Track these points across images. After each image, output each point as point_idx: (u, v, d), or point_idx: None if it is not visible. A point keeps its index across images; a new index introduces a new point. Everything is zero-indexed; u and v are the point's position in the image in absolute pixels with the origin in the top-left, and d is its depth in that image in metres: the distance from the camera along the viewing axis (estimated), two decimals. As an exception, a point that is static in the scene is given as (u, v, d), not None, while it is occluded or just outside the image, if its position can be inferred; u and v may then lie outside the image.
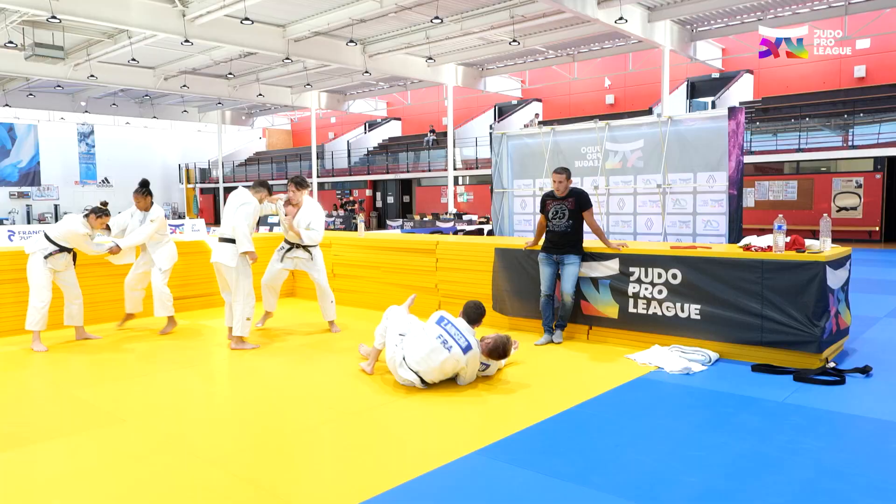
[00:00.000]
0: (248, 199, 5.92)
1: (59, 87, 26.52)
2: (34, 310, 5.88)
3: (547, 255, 6.01)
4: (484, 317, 4.86)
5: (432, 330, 4.55)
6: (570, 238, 5.90)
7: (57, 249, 5.95)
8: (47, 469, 3.37)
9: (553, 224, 5.97)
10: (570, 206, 5.89)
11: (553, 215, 5.98)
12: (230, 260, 5.74)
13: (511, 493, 3.03)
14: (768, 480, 3.12)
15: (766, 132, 19.21)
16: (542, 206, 6.16)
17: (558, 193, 5.98)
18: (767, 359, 5.09)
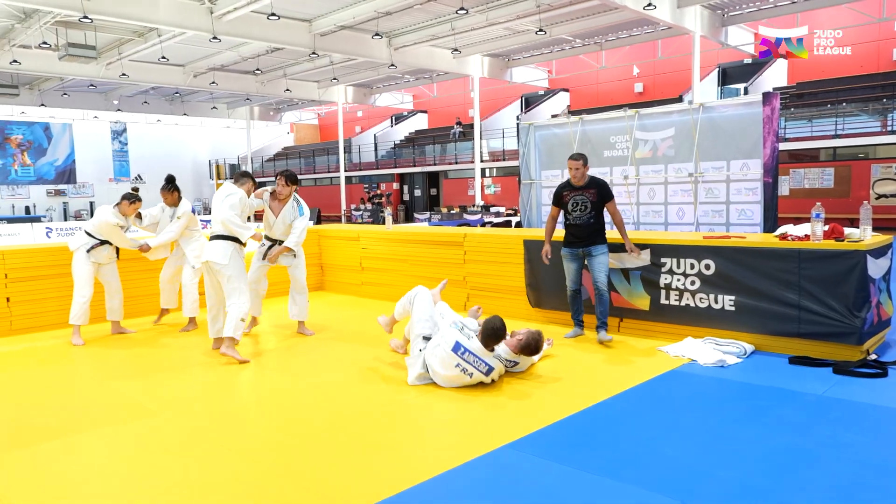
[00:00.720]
0: (233, 191, 5.56)
1: (93, 86, 27.03)
2: (76, 304, 6.05)
3: (572, 249, 5.70)
4: (503, 337, 4.46)
5: (450, 359, 4.32)
6: (594, 228, 5.61)
7: (97, 242, 6.09)
8: (87, 459, 3.43)
9: (573, 217, 5.62)
10: (593, 198, 5.58)
11: (573, 207, 5.63)
12: (222, 257, 5.35)
13: (543, 487, 2.99)
14: (808, 476, 3.04)
15: (801, 118, 18.72)
16: (556, 198, 5.76)
17: (576, 182, 5.63)
18: (805, 351, 4.96)
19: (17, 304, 6.59)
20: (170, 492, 3.03)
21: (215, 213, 5.50)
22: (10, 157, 30.46)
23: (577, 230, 5.63)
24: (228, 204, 5.44)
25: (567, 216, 5.67)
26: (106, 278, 6.26)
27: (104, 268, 6.23)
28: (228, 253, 5.38)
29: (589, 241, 5.61)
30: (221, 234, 5.41)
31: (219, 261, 5.33)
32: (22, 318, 6.60)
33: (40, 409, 4.27)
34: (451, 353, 4.33)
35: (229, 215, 5.40)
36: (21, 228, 19.91)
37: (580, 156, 5.65)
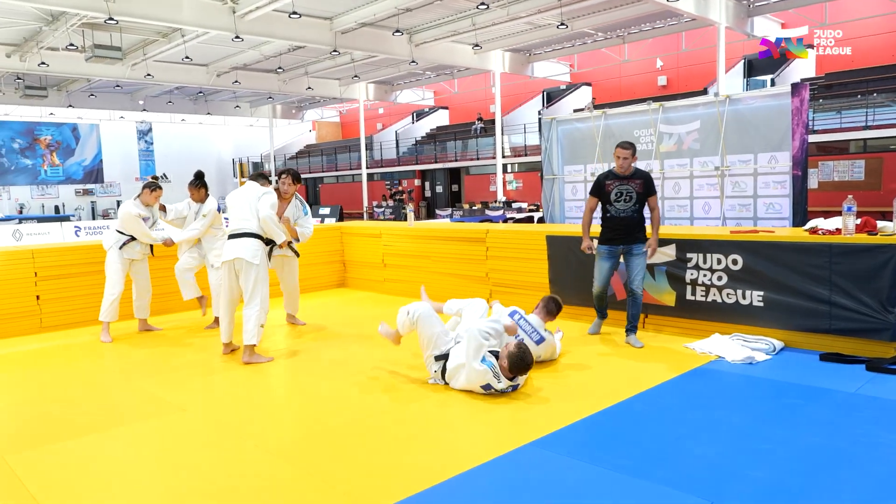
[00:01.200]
0: (267, 190, 5.44)
1: (118, 86, 27.43)
2: (106, 301, 6.12)
3: (611, 247, 5.34)
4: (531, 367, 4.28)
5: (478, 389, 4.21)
6: (637, 224, 5.28)
7: (128, 238, 6.14)
8: (115, 454, 3.47)
9: (616, 209, 5.26)
10: (639, 189, 5.25)
11: (617, 197, 5.25)
12: (253, 256, 5.12)
13: (568, 485, 2.96)
14: (842, 476, 2.96)
15: (830, 110, 18.32)
16: (597, 188, 5.37)
17: (622, 172, 5.26)
18: (836, 347, 4.85)
19: (47, 301, 6.71)
20: (196, 487, 3.06)
21: (242, 210, 5.30)
22: (40, 157, 31.09)
23: (619, 224, 5.28)
24: (269, 203, 5.30)
25: (608, 208, 5.31)
26: (137, 275, 6.33)
27: (136, 264, 6.29)
28: (259, 252, 5.20)
29: (631, 237, 5.30)
30: (250, 232, 5.20)
31: (251, 259, 5.11)
32: (51, 315, 6.72)
33: (70, 405, 4.34)
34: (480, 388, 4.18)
35: (270, 213, 5.28)
36: (51, 227, 20.30)
37: (630, 144, 5.28)
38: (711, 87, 19.96)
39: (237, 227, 5.25)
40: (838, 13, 19.48)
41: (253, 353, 5.16)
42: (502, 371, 4.12)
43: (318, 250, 8.89)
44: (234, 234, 5.23)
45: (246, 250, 5.12)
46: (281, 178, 6.12)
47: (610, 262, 5.40)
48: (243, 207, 5.30)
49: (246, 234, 5.19)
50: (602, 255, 5.41)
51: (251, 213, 5.25)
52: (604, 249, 5.40)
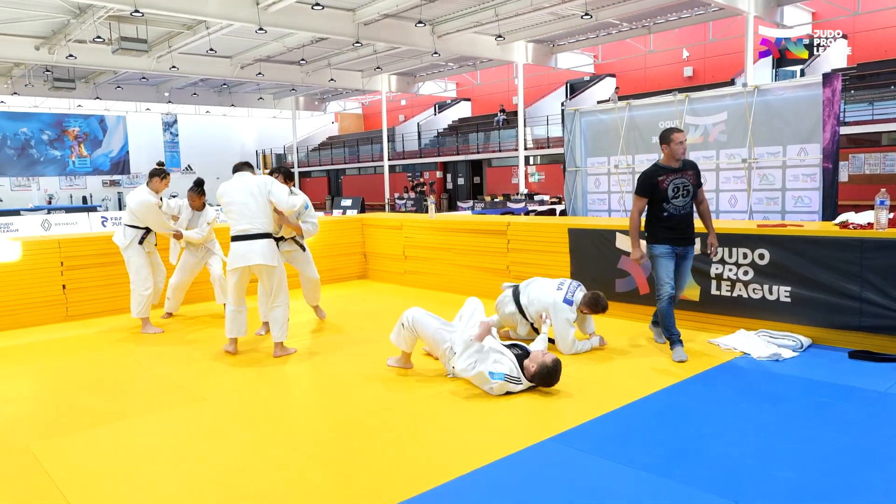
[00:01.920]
0: (272, 179, 5.16)
1: (144, 78, 27.75)
2: (140, 297, 6.04)
3: (672, 248, 4.74)
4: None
5: None
6: (692, 222, 4.78)
7: (144, 231, 6.09)
8: (137, 442, 3.50)
9: (675, 206, 4.66)
10: (693, 181, 4.71)
11: (675, 193, 4.64)
12: (274, 258, 4.98)
13: (589, 481, 2.91)
14: (871, 477, 2.88)
15: (862, 101, 17.87)
16: (648, 186, 4.69)
17: (676, 160, 4.67)
18: (866, 345, 4.72)
19: (73, 291, 6.80)
20: (214, 477, 3.07)
21: (248, 207, 4.88)
22: (68, 148, 31.60)
23: (679, 223, 4.69)
24: (286, 193, 5.08)
25: (664, 207, 4.67)
26: (154, 266, 6.37)
27: (151, 256, 6.31)
28: (277, 253, 5.06)
29: (689, 239, 4.80)
30: (263, 233, 4.90)
31: (271, 262, 4.96)
32: (77, 304, 6.82)
33: (92, 394, 4.39)
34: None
35: (293, 202, 5.14)
36: (78, 218, 20.66)
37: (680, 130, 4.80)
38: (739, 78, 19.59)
39: (247, 228, 4.87)
40: (871, 1, 18.98)
41: (284, 348, 5.17)
42: (525, 373, 4.05)
43: (339, 242, 8.91)
44: (245, 236, 4.87)
45: (265, 255, 4.91)
46: (272, 176, 5.63)
47: (673, 262, 4.76)
48: (248, 203, 4.91)
49: (258, 235, 4.89)
50: (665, 255, 4.74)
51: (260, 210, 4.91)
52: (666, 250, 4.73)
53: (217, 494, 2.91)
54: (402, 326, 4.53)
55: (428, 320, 4.47)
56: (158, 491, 2.95)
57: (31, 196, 30.07)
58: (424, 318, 4.48)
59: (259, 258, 4.88)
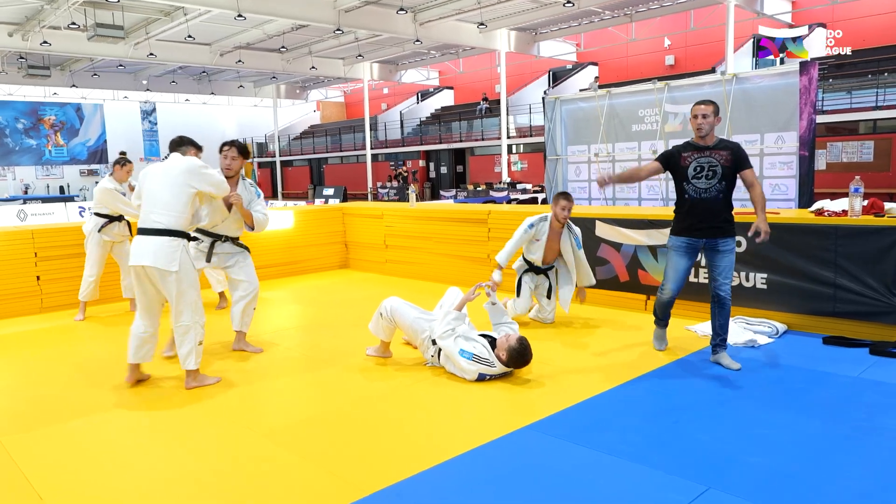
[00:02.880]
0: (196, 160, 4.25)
1: (122, 66, 27.29)
2: (84, 283, 6.23)
3: (691, 239, 4.20)
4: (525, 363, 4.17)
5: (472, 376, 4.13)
6: (722, 210, 4.14)
7: (107, 221, 6.13)
8: (113, 436, 3.46)
9: (695, 188, 4.11)
10: (725, 162, 4.08)
11: (696, 173, 4.10)
12: (170, 261, 3.88)
13: (566, 468, 2.93)
14: (842, 462, 2.92)
15: (840, 90, 18.06)
16: (668, 154, 4.24)
17: (701, 137, 4.13)
18: (840, 331, 4.79)
19: (47, 282, 6.70)
20: (190, 471, 3.04)
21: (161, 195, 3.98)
22: (44, 137, 31.07)
23: (700, 209, 4.13)
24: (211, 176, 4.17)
25: (685, 188, 4.16)
26: (119, 257, 6.32)
27: (118, 246, 6.27)
28: (177, 254, 3.92)
29: (717, 229, 4.14)
30: (163, 228, 3.93)
31: (166, 267, 3.88)
32: (52, 296, 6.71)
33: (67, 387, 4.33)
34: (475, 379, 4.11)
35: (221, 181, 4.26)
36: (55, 208, 20.35)
37: (711, 102, 4.15)
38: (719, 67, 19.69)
39: (147, 221, 3.96)
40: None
41: (197, 376, 4.16)
42: (500, 360, 4.07)
43: (319, 231, 8.85)
44: (144, 230, 3.96)
45: (158, 255, 3.87)
46: (223, 150, 4.84)
47: (688, 259, 4.28)
48: (162, 192, 4.00)
49: (157, 230, 3.92)
50: (679, 250, 4.27)
51: (172, 201, 3.97)
52: (682, 242, 4.24)
53: (194, 487, 2.89)
54: (381, 316, 4.53)
55: (406, 310, 4.46)
56: (134, 485, 2.92)
57: (7, 186, 29.55)
58: (402, 308, 4.47)
59: (150, 258, 3.87)
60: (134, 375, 4.22)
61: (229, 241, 4.90)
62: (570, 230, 5.41)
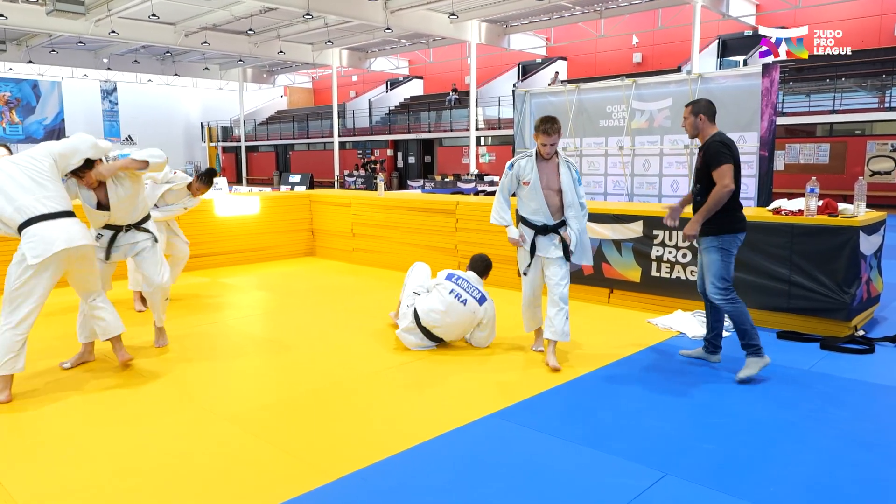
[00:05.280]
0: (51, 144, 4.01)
1: (81, 43, 26.48)
2: None
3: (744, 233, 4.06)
4: (491, 269, 4.81)
5: (444, 286, 4.52)
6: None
7: None
8: (72, 422, 3.40)
9: (694, 191, 4.17)
10: (699, 164, 4.07)
11: (694, 177, 4.18)
12: (87, 235, 3.81)
13: (527, 456, 2.99)
14: (791, 449, 3.05)
15: (799, 93, 18.57)
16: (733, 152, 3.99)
17: (693, 137, 4.23)
18: (794, 326, 4.97)
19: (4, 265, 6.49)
20: (152, 455, 3.01)
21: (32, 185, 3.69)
22: (-2, 114, 29.97)
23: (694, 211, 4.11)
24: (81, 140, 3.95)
25: None
26: None
27: None
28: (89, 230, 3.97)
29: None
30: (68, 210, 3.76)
31: (90, 241, 3.82)
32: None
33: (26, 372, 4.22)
34: (444, 280, 4.53)
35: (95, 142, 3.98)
36: (9, 187, 19.65)
37: (690, 103, 4.20)
38: (685, 66, 20.05)
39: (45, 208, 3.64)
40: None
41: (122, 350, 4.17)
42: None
43: (286, 218, 8.78)
44: (49, 215, 3.64)
45: (85, 233, 3.78)
46: None
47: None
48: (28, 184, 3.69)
49: (64, 212, 3.72)
50: None
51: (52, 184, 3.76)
52: None
53: (156, 471, 2.86)
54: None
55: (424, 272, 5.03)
56: (94, 470, 2.88)
57: (-43, 163, 28.45)
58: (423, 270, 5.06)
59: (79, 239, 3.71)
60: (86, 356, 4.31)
61: (133, 228, 4.44)
62: (567, 163, 4.29)
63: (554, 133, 4.19)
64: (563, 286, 4.24)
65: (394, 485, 2.74)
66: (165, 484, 2.75)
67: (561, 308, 4.21)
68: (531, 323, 4.58)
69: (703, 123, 4.10)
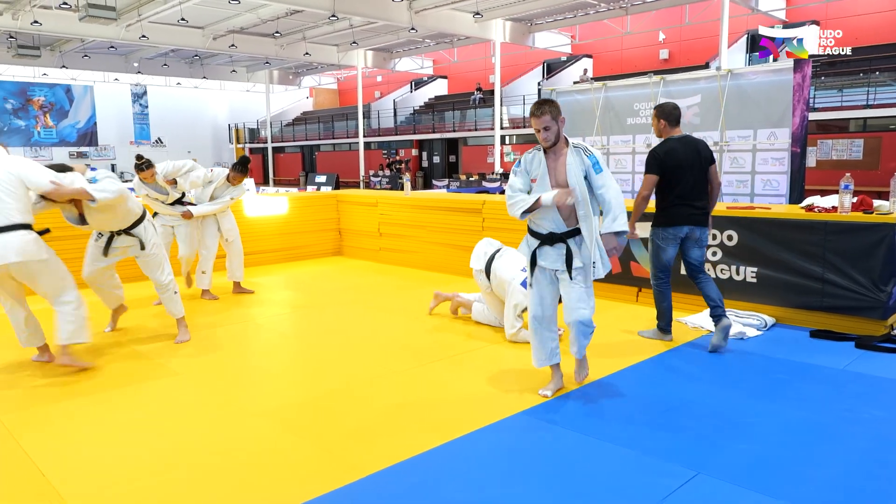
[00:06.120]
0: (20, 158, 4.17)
1: (113, 48, 27.00)
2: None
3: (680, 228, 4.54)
4: None
5: None
6: None
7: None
8: (112, 416, 3.50)
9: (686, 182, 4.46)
10: None
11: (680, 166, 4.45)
12: (39, 251, 3.90)
13: (558, 453, 3.00)
14: (824, 450, 3.01)
15: (831, 87, 18.19)
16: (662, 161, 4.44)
17: None
18: (827, 324, 4.89)
19: (41, 263, 6.67)
20: (188, 450, 3.09)
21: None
22: (33, 118, 30.73)
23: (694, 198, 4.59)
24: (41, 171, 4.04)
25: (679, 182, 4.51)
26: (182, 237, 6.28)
27: (178, 229, 6.24)
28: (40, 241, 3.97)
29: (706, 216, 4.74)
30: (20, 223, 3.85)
31: (39, 256, 3.90)
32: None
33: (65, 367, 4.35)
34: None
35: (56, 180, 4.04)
36: (45, 190, 20.13)
37: (655, 108, 4.63)
38: (713, 62, 19.78)
39: None
40: (844, -11, 19.24)
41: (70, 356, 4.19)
42: None
43: (314, 218, 8.87)
44: None
45: (26, 249, 3.83)
46: None
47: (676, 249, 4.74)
48: None
49: (14, 226, 3.82)
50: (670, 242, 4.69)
51: (9, 197, 3.85)
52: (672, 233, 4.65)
53: (191, 464, 2.94)
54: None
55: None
56: (132, 462, 2.97)
57: (-5, 167, 29.22)
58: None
59: (17, 255, 3.80)
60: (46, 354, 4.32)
61: (123, 233, 4.74)
62: (579, 155, 3.57)
63: (543, 114, 3.53)
64: (582, 308, 3.57)
65: (427, 480, 2.77)
66: (204, 478, 2.82)
67: (580, 332, 3.64)
68: (541, 354, 3.72)
69: (664, 126, 4.54)
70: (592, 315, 3.63)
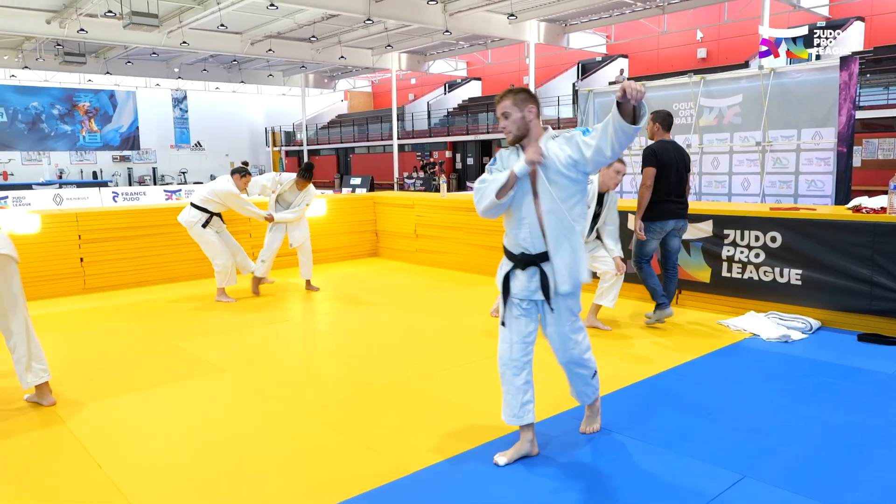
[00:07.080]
0: None
1: (155, 54, 27.69)
2: (222, 271, 6.32)
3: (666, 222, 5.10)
4: None
5: None
6: None
7: (209, 216, 6.25)
8: (160, 411, 3.61)
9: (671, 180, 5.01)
10: None
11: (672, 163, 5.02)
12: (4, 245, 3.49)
13: (601, 455, 2.99)
14: (873, 454, 2.95)
15: (877, 85, 17.67)
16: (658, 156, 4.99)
17: None
18: (876, 328, 4.77)
19: (91, 264, 6.91)
20: (232, 445, 3.17)
21: None
22: (79, 123, 31.65)
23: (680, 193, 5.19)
24: None
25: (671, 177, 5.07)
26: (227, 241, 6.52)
27: (221, 234, 6.44)
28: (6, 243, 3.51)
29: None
30: None
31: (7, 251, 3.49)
32: (95, 277, 6.93)
33: (116, 364, 4.50)
34: None
35: None
36: (90, 192, 20.79)
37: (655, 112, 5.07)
38: (753, 61, 19.39)
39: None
40: (891, -16, 18.69)
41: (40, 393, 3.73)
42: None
43: (351, 220, 8.98)
44: None
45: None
46: None
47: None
48: None
49: None
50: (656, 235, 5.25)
51: None
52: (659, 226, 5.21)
53: (236, 459, 3.01)
54: None
55: None
56: (179, 455, 3.06)
57: (42, 170, 30.20)
58: None
59: None
60: None
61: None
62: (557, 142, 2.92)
63: (502, 99, 2.93)
64: (571, 349, 2.94)
65: (469, 478, 2.79)
66: (250, 474, 2.89)
67: (573, 375, 3.07)
68: (510, 408, 2.90)
69: (658, 130, 5.06)
70: (589, 352, 3.03)
